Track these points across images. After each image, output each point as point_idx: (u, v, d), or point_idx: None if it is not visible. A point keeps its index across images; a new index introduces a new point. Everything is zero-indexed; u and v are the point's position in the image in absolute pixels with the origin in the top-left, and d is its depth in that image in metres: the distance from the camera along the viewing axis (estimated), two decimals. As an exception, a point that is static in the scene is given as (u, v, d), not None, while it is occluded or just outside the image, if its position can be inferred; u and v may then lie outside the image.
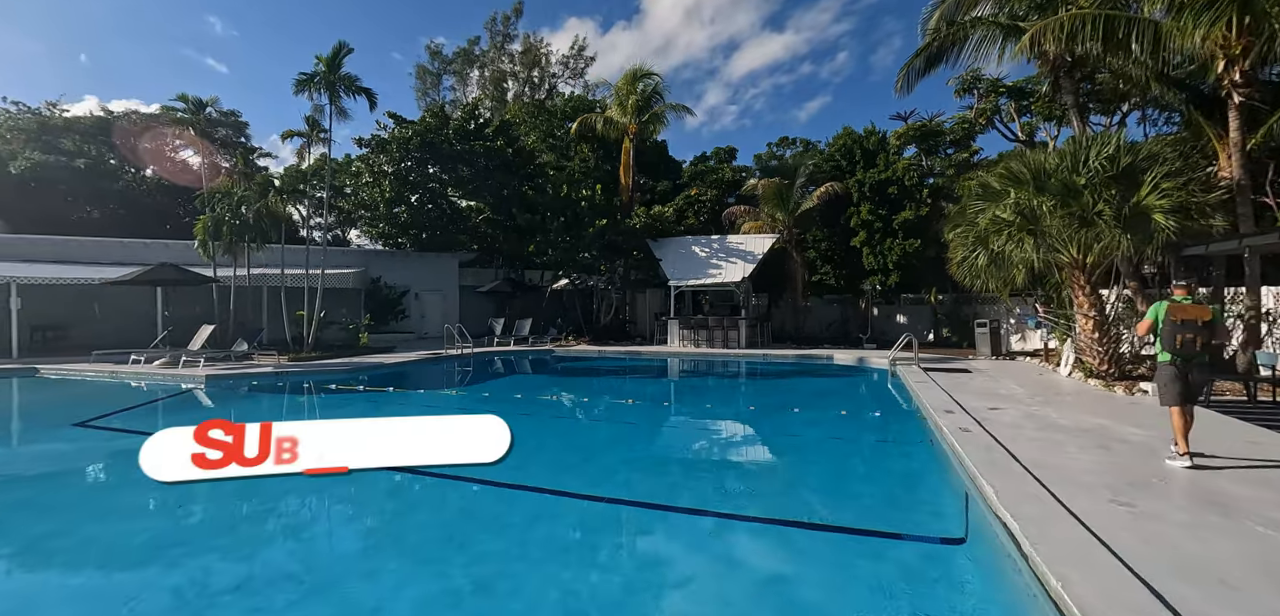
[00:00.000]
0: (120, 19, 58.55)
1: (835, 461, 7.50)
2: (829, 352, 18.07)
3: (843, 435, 8.69)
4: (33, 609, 3.89)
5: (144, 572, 4.36)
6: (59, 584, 4.30)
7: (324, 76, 18.14)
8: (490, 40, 45.51)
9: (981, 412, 8.23)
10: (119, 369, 14.40)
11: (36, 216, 26.01)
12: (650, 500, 5.91)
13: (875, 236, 20.46)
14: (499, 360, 18.78)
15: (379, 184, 24.23)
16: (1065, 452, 6.02)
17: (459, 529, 5.22)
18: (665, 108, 25.02)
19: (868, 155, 21.44)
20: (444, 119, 25.35)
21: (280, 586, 4.12)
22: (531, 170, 27.49)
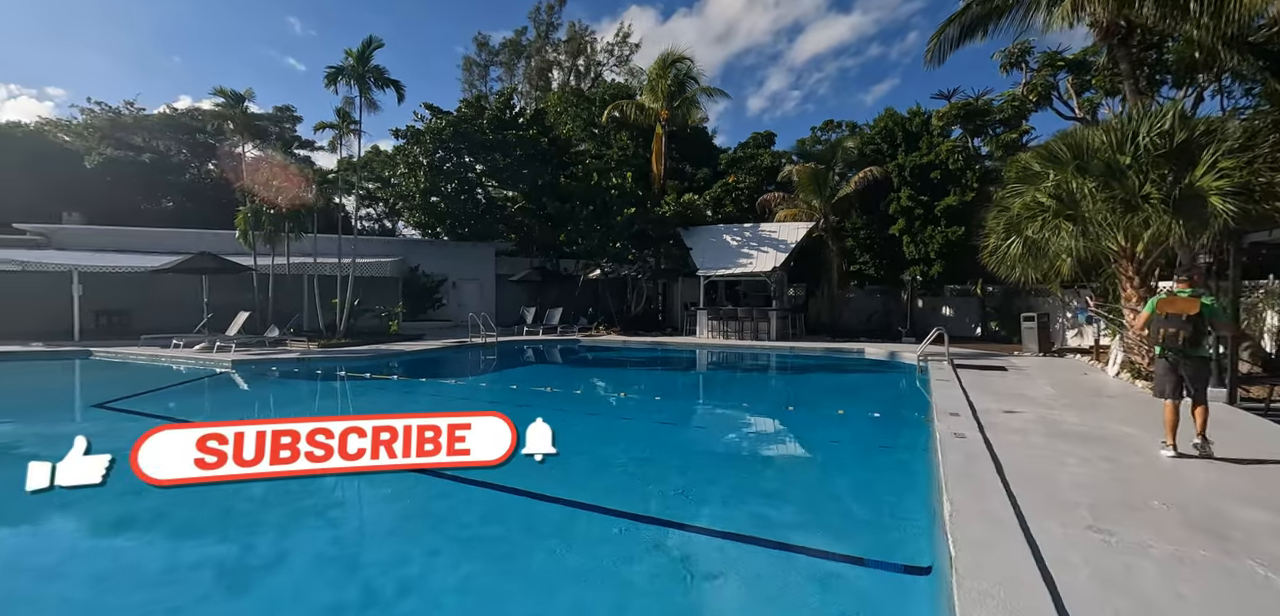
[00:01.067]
0: (209, 23, 62.23)
1: (814, 467, 6.99)
2: (861, 346, 17.19)
3: (836, 438, 8.10)
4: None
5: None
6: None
7: (353, 69, 18.53)
8: (535, 30, 45.80)
9: (991, 415, 7.48)
10: (160, 352, 15.18)
11: (110, 208, 27.92)
12: (573, 497, 5.58)
13: (915, 224, 19.29)
14: (521, 349, 18.80)
15: (414, 174, 24.69)
16: (1063, 465, 5.33)
17: (417, 522, 5.05)
18: (698, 92, 24.38)
19: (910, 138, 20.23)
20: (479, 109, 25.58)
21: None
22: (567, 159, 27.44)
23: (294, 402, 11.08)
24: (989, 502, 4.25)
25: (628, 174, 23.02)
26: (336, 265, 19.67)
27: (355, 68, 18.55)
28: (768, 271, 20.42)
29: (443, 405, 10.85)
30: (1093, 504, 4.32)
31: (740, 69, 67.91)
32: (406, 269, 25.43)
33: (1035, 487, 4.67)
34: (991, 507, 4.16)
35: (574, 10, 71.54)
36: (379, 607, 3.66)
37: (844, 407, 10.16)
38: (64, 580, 4.14)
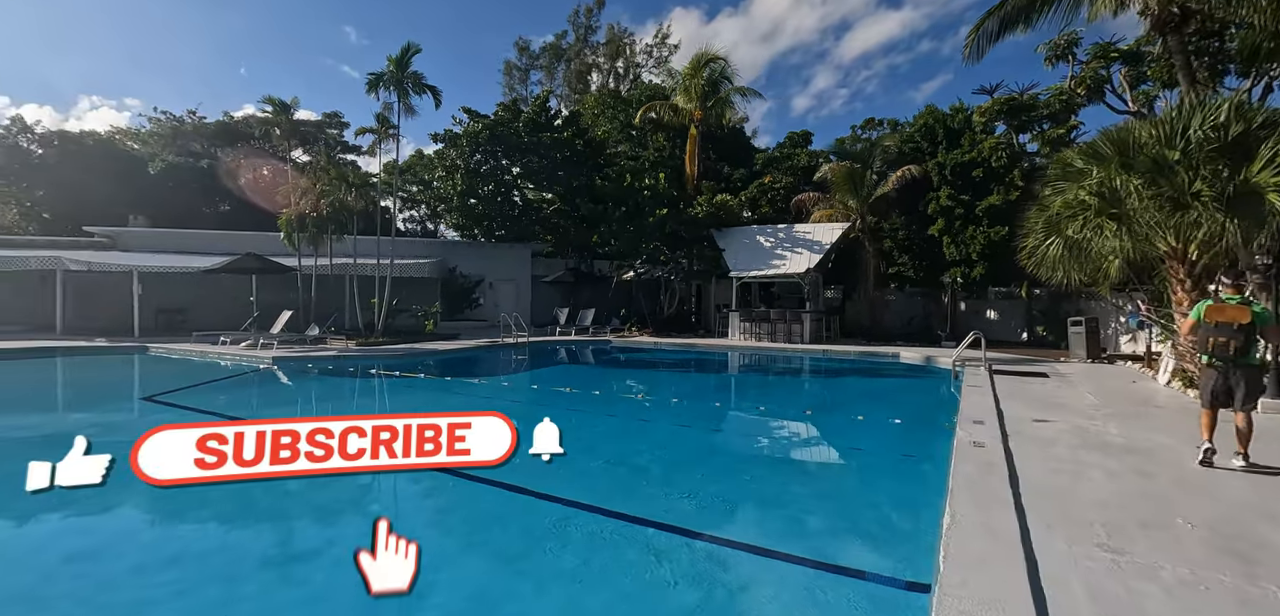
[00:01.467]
0: (271, 34, 65.14)
1: (825, 475, 6.80)
2: (896, 350, 16.69)
3: (855, 444, 7.88)
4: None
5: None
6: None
7: (393, 75, 19.06)
8: (574, 34, 46.22)
9: (1019, 424, 7.15)
10: (208, 349, 15.92)
11: (172, 212, 29.45)
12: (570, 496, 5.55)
13: (955, 224, 18.62)
14: (551, 349, 18.97)
15: (452, 177, 25.21)
16: (1087, 478, 5.03)
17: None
18: (732, 92, 24.15)
19: (951, 135, 19.54)
20: (515, 112, 25.95)
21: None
22: (602, 160, 27.57)
23: (323, 398, 11.47)
24: (993, 516, 4.04)
25: (660, 175, 22.98)
26: (375, 266, 20.24)
27: (394, 73, 19.09)
28: (801, 273, 20.06)
29: (465, 402, 11.03)
30: (1110, 520, 4.06)
31: (785, 68, 66.92)
32: (445, 270, 25.99)
33: (1049, 502, 4.43)
34: (994, 522, 3.95)
35: (618, 13, 72.05)
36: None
37: (867, 413, 9.88)
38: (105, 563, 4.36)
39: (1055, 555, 3.49)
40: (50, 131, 31.62)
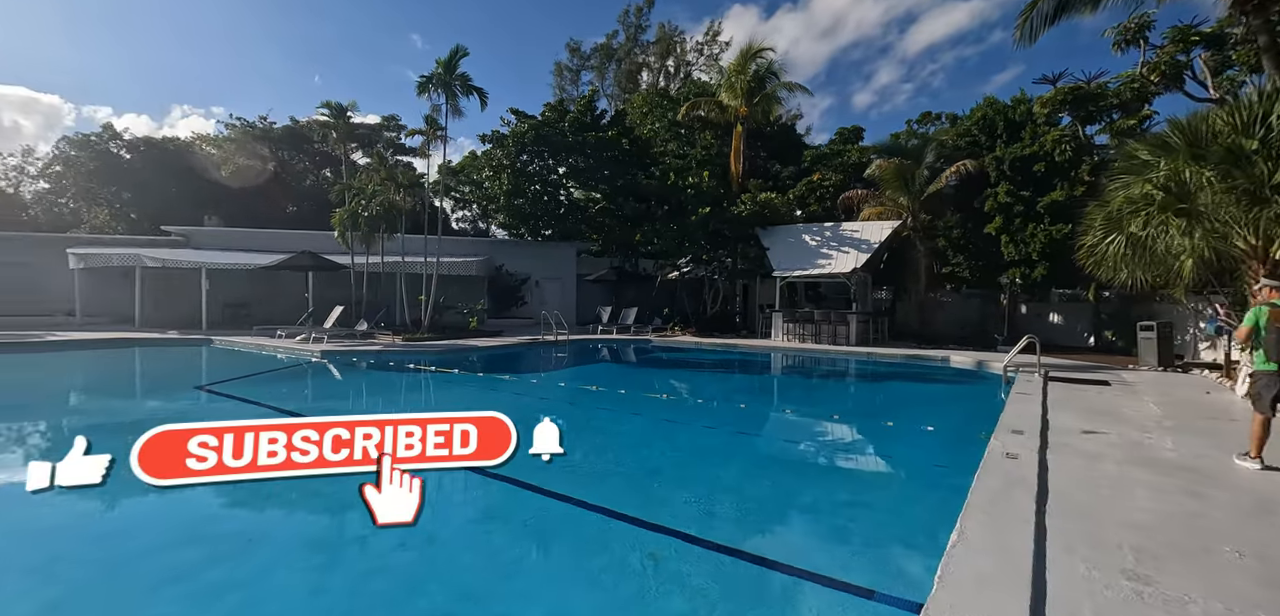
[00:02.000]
0: (343, 43, 68.19)
1: (843, 483, 6.49)
2: (946, 354, 15.91)
3: (881, 452, 7.51)
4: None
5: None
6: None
7: (441, 77, 19.53)
8: (624, 33, 46.35)
9: (1064, 436, 6.64)
10: (265, 342, 16.73)
11: (244, 212, 31.21)
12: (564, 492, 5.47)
13: (1014, 221, 17.59)
14: (589, 347, 19.03)
15: (499, 177, 25.66)
16: (1128, 496, 4.60)
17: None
18: (778, 88, 23.62)
19: (1011, 128, 18.50)
20: (561, 112, 26.19)
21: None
22: (647, 159, 27.51)
23: (361, 392, 11.84)
24: (1007, 535, 3.73)
25: (704, 173, 22.73)
26: (421, 263, 20.82)
27: (443, 76, 19.55)
28: (847, 273, 19.42)
29: (489, 397, 11.16)
30: (1143, 545, 3.68)
31: (846, 64, 65.12)
32: (492, 267, 26.51)
33: (1077, 521, 4.06)
34: (1008, 540, 3.64)
35: (675, 13, 71.78)
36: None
37: (902, 420, 9.43)
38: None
39: (1069, 580, 3.17)
40: (137, 138, 34.05)
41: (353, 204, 19.56)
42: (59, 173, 33.79)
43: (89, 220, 33.51)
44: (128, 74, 63.34)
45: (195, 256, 21.59)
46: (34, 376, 13.11)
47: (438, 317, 20.67)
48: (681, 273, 24.48)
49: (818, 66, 62.92)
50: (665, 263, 24.76)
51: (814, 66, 63.57)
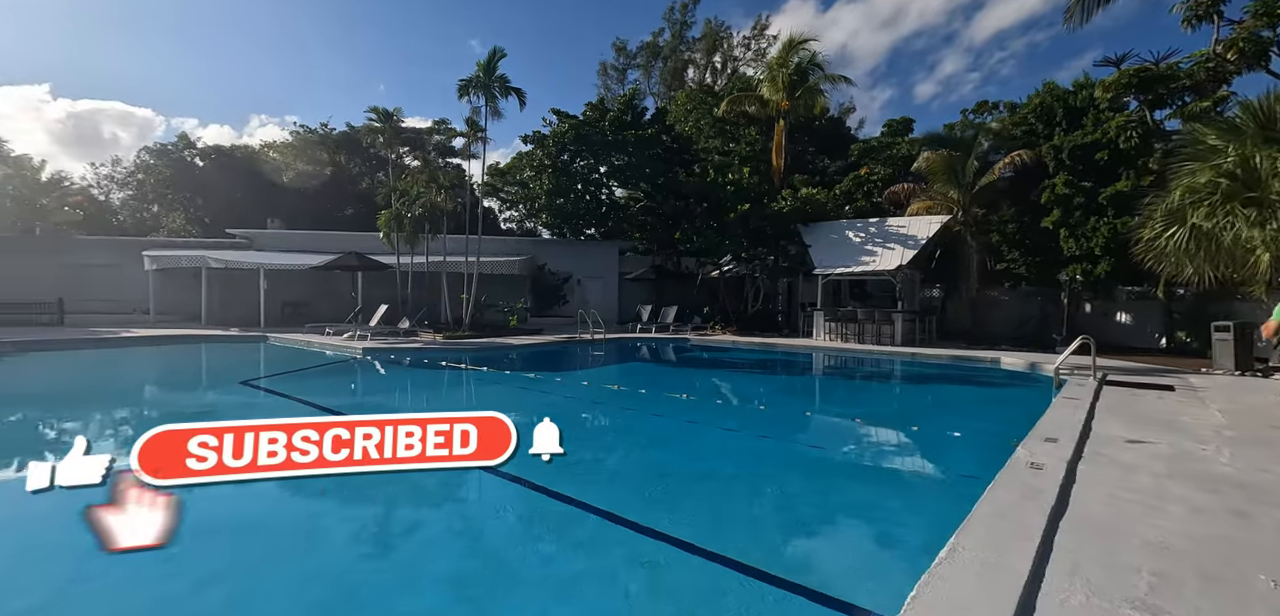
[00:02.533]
0: (405, 53, 70.53)
1: (846, 490, 6.18)
2: (996, 355, 15.08)
3: (898, 458, 7.13)
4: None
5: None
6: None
7: (480, 80, 19.89)
8: (670, 30, 46.15)
9: (1105, 445, 6.13)
10: (313, 339, 17.43)
11: (304, 215, 32.68)
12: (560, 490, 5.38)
13: (1074, 214, 16.49)
14: (624, 346, 18.98)
15: (540, 177, 25.95)
16: (1161, 515, 4.16)
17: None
18: (821, 80, 22.96)
19: (1072, 114, 17.35)
20: (602, 112, 26.27)
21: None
22: (688, 156, 27.28)
23: (393, 387, 12.16)
24: (1004, 553, 3.41)
25: (744, 169, 22.34)
26: (463, 263, 21.26)
27: (482, 78, 19.91)
28: (892, 270, 18.69)
29: (510, 394, 11.24)
30: (1164, 570, 3.30)
31: (908, 54, 62.78)
32: (534, 266, 26.85)
33: (1093, 540, 3.69)
34: (1004, 559, 3.33)
35: (729, 10, 71.09)
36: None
37: (930, 425, 8.95)
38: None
39: (1063, 608, 2.87)
40: (209, 147, 36.18)
41: (398, 206, 20.16)
42: (140, 180, 36.25)
43: (167, 224, 35.85)
44: (211, 87, 67.73)
45: (255, 258, 22.74)
46: (97, 372, 14.03)
47: (479, 316, 21.07)
48: (722, 271, 24.14)
49: (878, 58, 60.92)
50: (706, 261, 24.46)
51: (873, 58, 61.59)
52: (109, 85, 63.31)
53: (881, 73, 61.82)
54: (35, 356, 14.73)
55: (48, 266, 24.65)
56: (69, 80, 64.39)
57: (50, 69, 62.87)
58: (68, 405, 9.98)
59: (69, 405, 9.98)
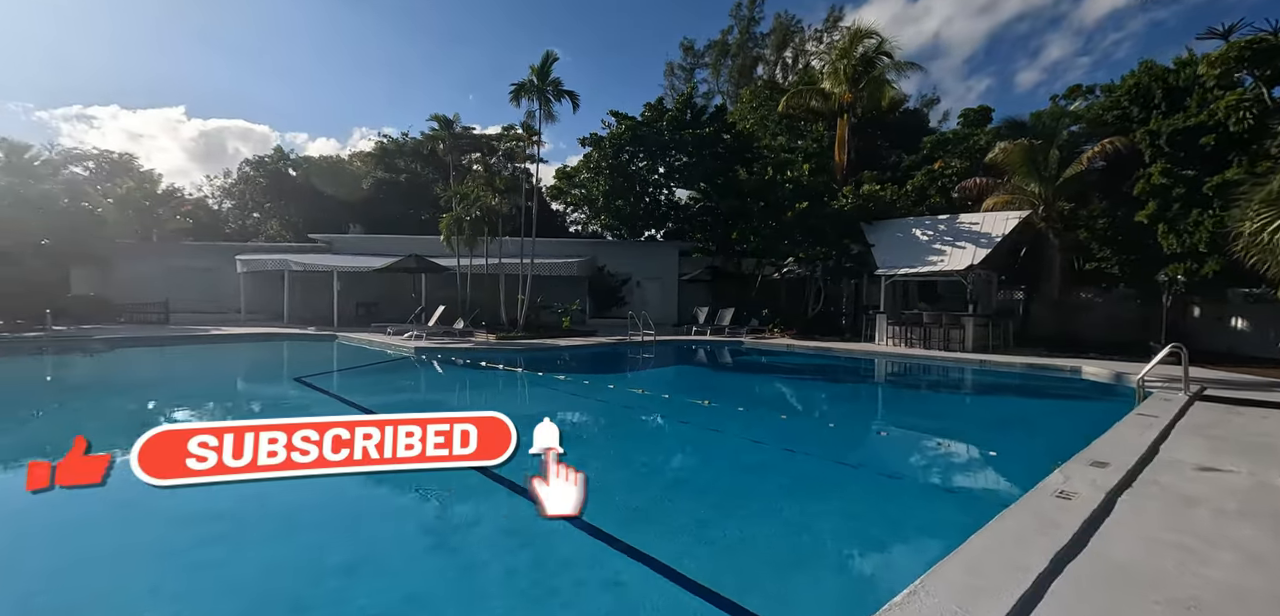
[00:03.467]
0: (492, 66, 73.14)
1: (835, 513, 5.61)
2: (1077, 364, 13.63)
3: (919, 479, 6.47)
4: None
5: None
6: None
7: (534, 85, 20.14)
8: (738, 27, 45.27)
9: (1167, 471, 5.28)
10: (375, 338, 18.19)
11: (383, 220, 34.38)
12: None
13: (1172, 207, 14.67)
14: (673, 348, 18.65)
15: (597, 179, 26.04)
16: (1205, 561, 3.46)
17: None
18: (888, 69, 21.71)
19: (1172, 95, 15.47)
20: (660, 112, 26.05)
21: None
22: (749, 154, 26.60)
23: (429, 382, 12.45)
24: (980, 598, 2.90)
25: (804, 166, 21.48)
26: (519, 265, 21.60)
27: (536, 83, 20.16)
28: (963, 270, 17.35)
29: (529, 392, 11.19)
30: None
31: (1010, 40, 58.31)
32: (593, 268, 26.95)
33: (1100, 593, 3.09)
34: (976, 604, 2.83)
35: (810, 4, 69.19)
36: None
37: (970, 438, 8.14)
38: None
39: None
40: (300, 158, 38.88)
41: (458, 209, 20.75)
42: (242, 190, 39.44)
43: (264, 231, 38.78)
44: (319, 103, 73.29)
45: (329, 261, 24.10)
46: (174, 365, 15.21)
47: (533, 317, 21.36)
48: (782, 271, 23.32)
49: (974, 45, 57.02)
50: (765, 262, 23.71)
51: (969, 46, 57.80)
52: (233, 105, 70.04)
53: (978, 61, 57.72)
54: (131, 351, 16.16)
55: (158, 270, 27.17)
56: (201, 101, 71.73)
57: (185, 92, 70.37)
58: (133, 393, 10.83)
59: (135, 392, 10.83)
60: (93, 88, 70.64)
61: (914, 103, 38.29)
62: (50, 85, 65.10)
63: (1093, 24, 55.50)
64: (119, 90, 71.86)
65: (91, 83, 67.36)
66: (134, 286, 25.62)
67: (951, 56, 60.78)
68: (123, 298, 24.71)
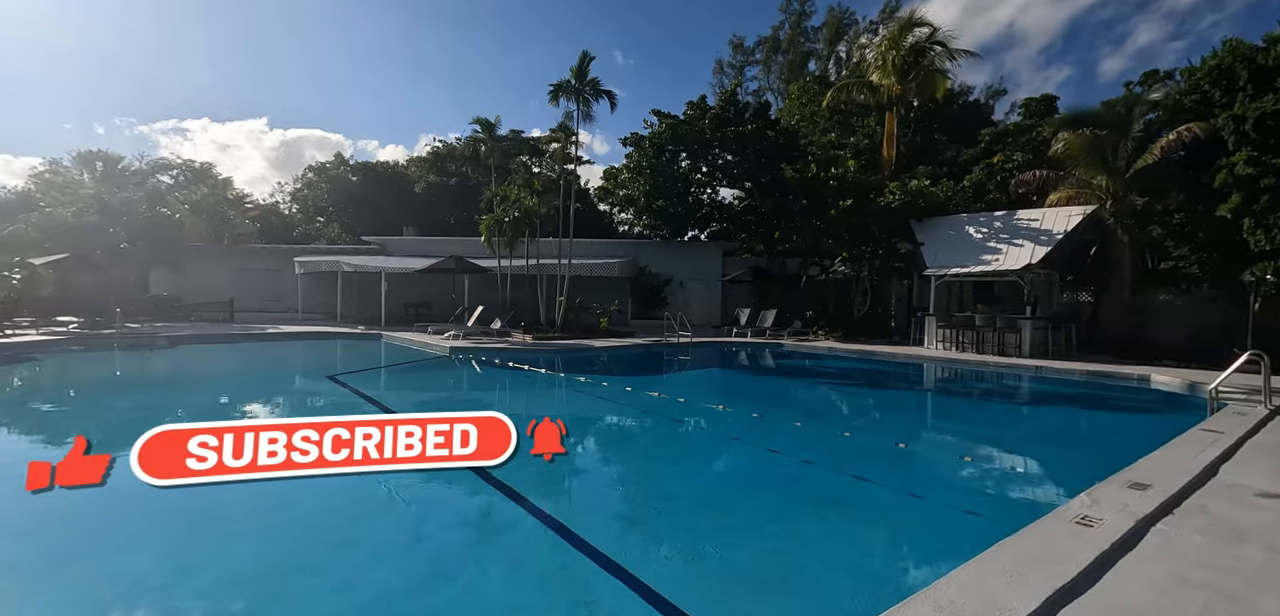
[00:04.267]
0: (559, 70, 74.51)
1: (820, 540, 5.16)
2: (1147, 372, 12.48)
3: (902, 496, 5.94)
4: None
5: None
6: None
7: (573, 85, 20.17)
8: (789, 22, 44.25)
9: (1220, 497, 4.64)
10: (415, 337, 18.55)
11: (435, 223, 35.33)
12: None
13: (1259, 200, 13.22)
14: (713, 351, 18.25)
15: (637, 179, 25.86)
16: (1233, 607, 2.95)
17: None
18: (940, 58, 20.62)
19: (1260, 77, 13.96)
20: (702, 110, 25.64)
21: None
22: (795, 151, 25.86)
23: (456, 382, 12.54)
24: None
25: (849, 162, 20.66)
26: (557, 265, 21.67)
27: (574, 84, 20.19)
28: (1019, 270, 16.25)
29: (560, 395, 11.07)
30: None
31: (1091, 25, 54.42)
32: (636, 268, 26.79)
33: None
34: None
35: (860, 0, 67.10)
36: None
37: (1030, 454, 7.47)
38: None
39: None
40: (359, 164, 40.40)
41: (498, 211, 20.98)
42: (306, 195, 41.35)
43: (326, 233, 40.52)
44: (388, 110, 76.67)
45: (378, 262, 24.87)
46: (221, 361, 15.89)
47: (571, 317, 21.40)
48: (828, 272, 22.50)
49: (1053, 33, 53.48)
50: (809, 261, 22.94)
51: (1047, 34, 54.28)
52: (310, 116, 74.55)
53: (1056, 51, 53.99)
54: (187, 348, 17.00)
55: (227, 271, 28.74)
56: (283, 113, 76.39)
57: (268, 104, 75.04)
58: (168, 387, 11.36)
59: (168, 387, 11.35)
60: (187, 103, 76.36)
61: (979, 95, 36.34)
62: (150, 102, 71.24)
63: (1186, 3, 51.19)
64: (210, 104, 77.33)
65: (186, 98, 73.06)
66: (206, 287, 27.19)
67: (1026, 46, 57.38)
68: (195, 297, 26.25)
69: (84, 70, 65.69)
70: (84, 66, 65.68)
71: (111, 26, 61.71)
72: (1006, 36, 53.86)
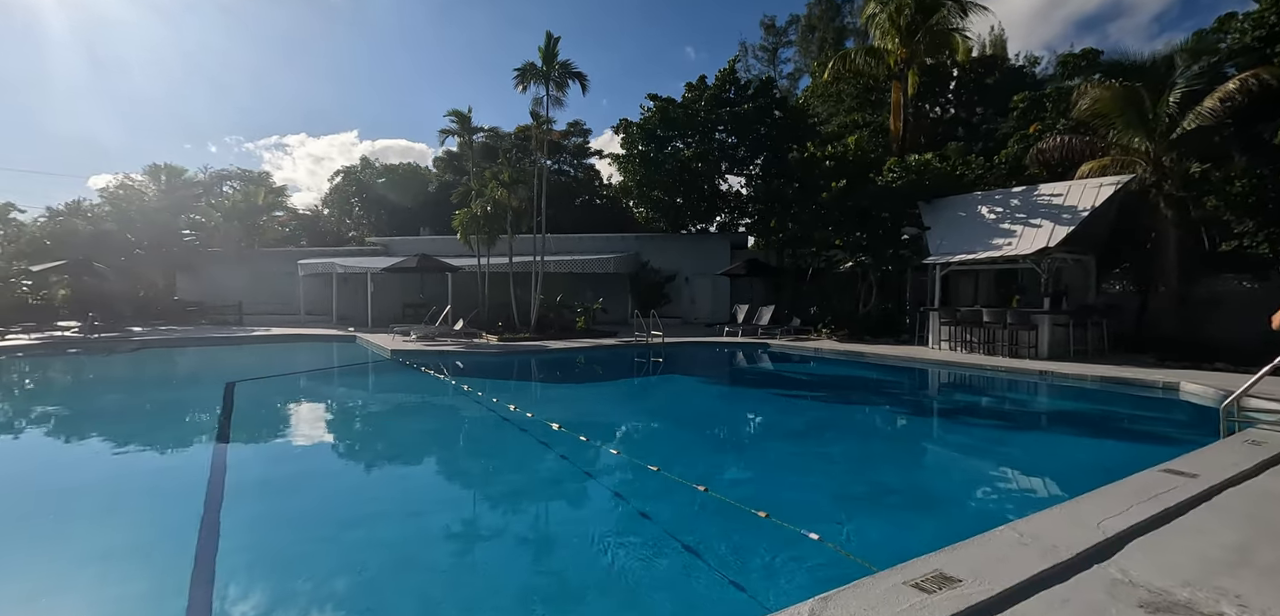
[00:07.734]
0: (627, 69, 73.43)
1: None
2: (1176, 378, 9.87)
3: (765, 560, 4.16)
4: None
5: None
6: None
7: (540, 69, 18.86)
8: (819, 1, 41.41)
9: (1094, 589, 2.74)
10: (377, 338, 17.59)
11: (447, 224, 34.88)
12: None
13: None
14: (681, 353, 16.53)
15: (628, 166, 24.28)
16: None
17: None
18: (953, 11, 17.92)
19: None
20: (700, 91, 23.75)
21: None
22: (804, 131, 23.57)
23: (342, 390, 11.43)
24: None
25: (850, 140, 18.35)
26: (538, 262, 20.39)
27: (542, 68, 18.87)
28: (1034, 254, 13.67)
29: (428, 413, 9.69)
30: None
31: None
32: (636, 264, 25.16)
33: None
34: None
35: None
36: None
37: (947, 492, 5.51)
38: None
39: None
40: (380, 166, 40.70)
41: (475, 205, 19.88)
42: (333, 199, 42.07)
43: (357, 235, 41.05)
44: (427, 114, 79.06)
45: (365, 264, 24.41)
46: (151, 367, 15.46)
47: (550, 316, 20.12)
48: (831, 263, 20.18)
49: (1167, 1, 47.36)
50: (803, 251, 20.65)
51: (1161, 1, 48.24)
52: (395, 127, 79.21)
53: (1171, 18, 47.38)
54: (141, 354, 16.67)
55: (244, 275, 29.16)
56: (371, 125, 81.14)
57: (359, 118, 79.32)
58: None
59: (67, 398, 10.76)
60: (286, 119, 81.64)
61: (1047, 68, 32.21)
62: (254, 121, 76.96)
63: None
64: (306, 119, 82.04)
65: (284, 115, 78.15)
66: (226, 290, 27.55)
67: (1137, 14, 50.89)
68: (217, 299, 26.63)
69: (194, 92, 71.47)
70: (194, 89, 71.50)
71: (215, 55, 67.34)
72: (1114, 7, 48.02)
